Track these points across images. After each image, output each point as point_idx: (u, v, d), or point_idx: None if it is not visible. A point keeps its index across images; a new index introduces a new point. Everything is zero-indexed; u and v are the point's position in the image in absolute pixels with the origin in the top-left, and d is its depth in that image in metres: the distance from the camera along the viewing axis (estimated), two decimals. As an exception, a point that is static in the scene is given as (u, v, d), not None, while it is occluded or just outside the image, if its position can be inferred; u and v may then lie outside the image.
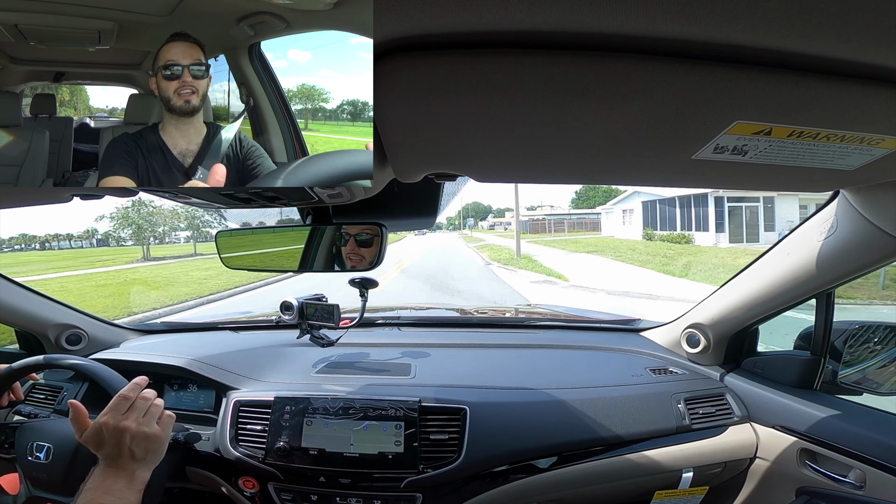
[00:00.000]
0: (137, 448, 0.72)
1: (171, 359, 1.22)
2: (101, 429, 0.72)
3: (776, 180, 0.62)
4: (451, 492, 0.97)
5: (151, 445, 0.75)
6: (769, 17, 0.32)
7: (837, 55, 0.37)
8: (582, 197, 61.59)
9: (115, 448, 0.71)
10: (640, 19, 0.33)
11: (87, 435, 0.73)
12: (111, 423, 0.73)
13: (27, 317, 1.29)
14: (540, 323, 1.59)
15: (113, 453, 0.71)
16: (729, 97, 0.41)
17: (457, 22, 0.33)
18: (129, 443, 0.72)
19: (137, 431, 0.73)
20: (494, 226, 70.33)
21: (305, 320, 1.26)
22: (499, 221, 71.15)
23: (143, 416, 0.76)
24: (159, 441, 0.76)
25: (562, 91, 0.40)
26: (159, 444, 0.76)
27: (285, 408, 1.03)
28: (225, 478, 1.05)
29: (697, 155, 0.50)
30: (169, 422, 0.80)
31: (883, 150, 0.50)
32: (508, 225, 56.92)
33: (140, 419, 0.75)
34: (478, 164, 0.60)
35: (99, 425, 0.73)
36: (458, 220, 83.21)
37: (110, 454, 0.71)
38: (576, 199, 64.09)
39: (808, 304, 1.01)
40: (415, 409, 1.00)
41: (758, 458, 1.07)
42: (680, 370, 1.21)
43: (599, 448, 1.02)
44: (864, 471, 0.87)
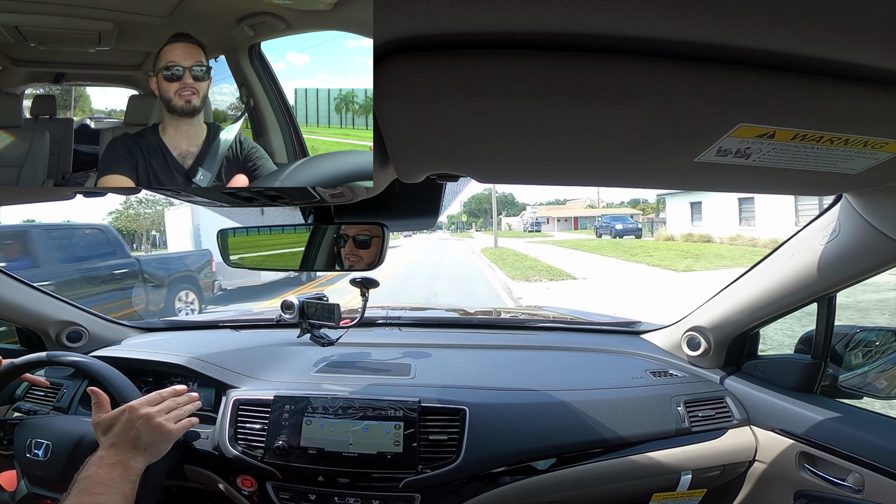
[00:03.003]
0: (145, 435, 0.75)
1: (172, 356, 1.22)
2: (123, 411, 0.77)
3: (779, 183, 0.62)
4: (449, 492, 0.97)
5: (158, 437, 0.77)
6: (773, 20, 0.32)
7: (842, 58, 0.37)
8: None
9: (124, 431, 0.74)
10: (643, 21, 0.32)
11: (105, 417, 0.76)
12: (137, 407, 0.77)
13: (28, 313, 1.30)
14: (540, 324, 1.59)
15: (118, 436, 0.74)
16: (732, 100, 0.40)
17: (458, 23, 0.33)
18: (140, 426, 0.75)
19: (155, 421, 0.77)
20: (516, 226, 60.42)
21: (306, 319, 1.26)
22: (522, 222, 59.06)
23: (169, 412, 0.81)
24: (169, 438, 0.79)
25: (564, 93, 0.40)
26: (166, 441, 0.79)
27: (285, 407, 1.03)
28: (223, 476, 1.05)
29: (700, 157, 0.50)
30: (187, 425, 0.84)
31: (887, 154, 0.50)
32: (534, 225, 51.28)
33: (165, 414, 0.80)
34: (479, 165, 0.60)
35: (124, 408, 0.77)
36: (465, 216, 67.05)
37: (114, 437, 0.74)
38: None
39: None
40: (414, 409, 1.00)
41: (757, 461, 1.07)
42: (680, 373, 1.21)
43: (598, 450, 1.02)
44: (862, 474, 0.87)
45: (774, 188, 0.66)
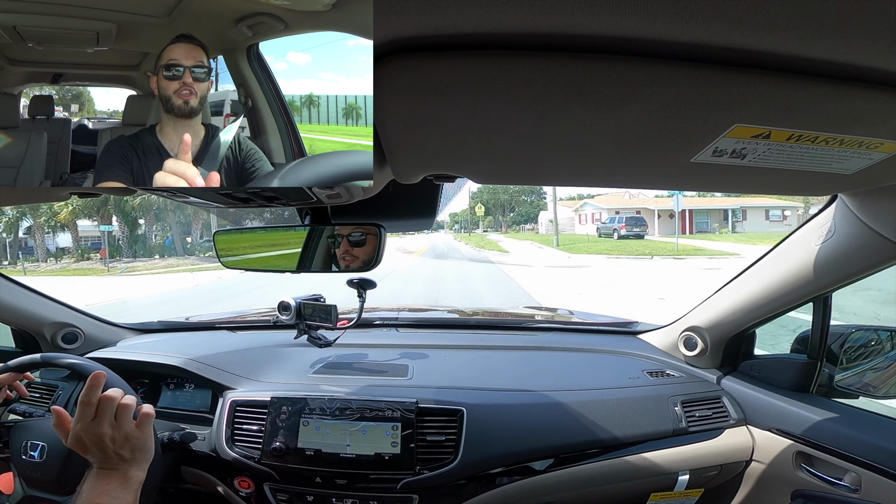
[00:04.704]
0: (122, 450, 0.70)
1: (168, 358, 1.21)
2: (80, 436, 0.69)
3: (774, 184, 0.62)
4: (447, 493, 0.97)
5: (134, 445, 0.72)
6: (769, 21, 0.32)
7: (837, 58, 0.37)
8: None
9: (101, 452, 0.69)
10: (639, 22, 0.33)
11: (70, 442, 0.70)
12: (85, 430, 0.69)
13: (23, 315, 1.29)
14: (537, 325, 1.59)
15: (101, 457, 0.70)
16: (728, 100, 0.41)
17: (457, 23, 0.33)
18: (111, 446, 0.69)
19: (114, 435, 0.70)
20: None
21: (303, 321, 1.26)
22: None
23: (115, 417, 0.71)
24: (140, 440, 0.73)
25: (561, 93, 0.40)
26: (142, 443, 0.73)
27: (282, 408, 1.03)
28: (221, 478, 1.04)
29: (696, 158, 0.50)
30: (146, 419, 0.75)
31: (881, 154, 0.50)
32: (632, 223, 20.41)
33: (112, 422, 0.71)
34: (476, 166, 0.60)
35: (77, 433, 0.70)
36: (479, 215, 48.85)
37: (99, 458, 0.70)
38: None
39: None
40: (412, 410, 1.00)
41: (754, 460, 1.07)
42: (677, 373, 1.21)
43: (596, 450, 1.02)
44: (859, 474, 0.87)
45: (770, 188, 0.67)
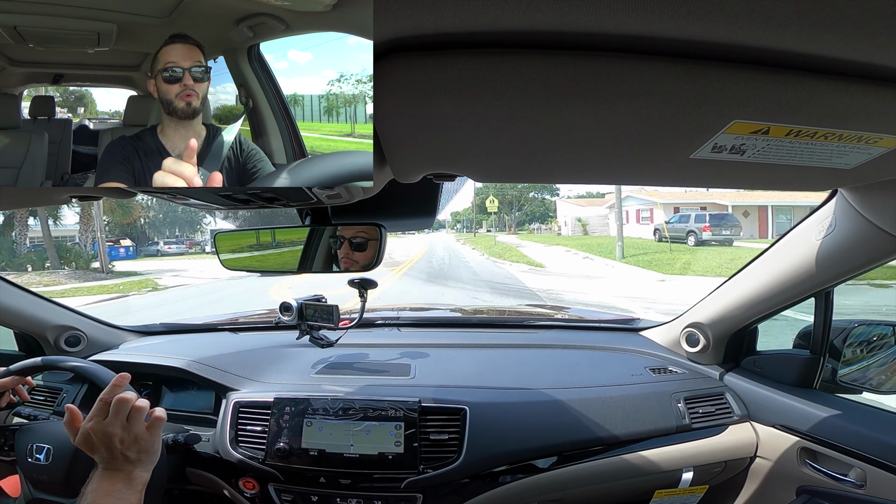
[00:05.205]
0: (129, 451, 0.71)
1: (171, 360, 1.22)
2: (89, 434, 0.71)
3: (774, 179, 0.62)
4: (451, 492, 0.97)
5: (142, 447, 0.73)
6: (767, 17, 0.32)
7: (835, 54, 0.37)
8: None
9: (108, 452, 0.70)
10: (638, 19, 0.33)
11: (78, 441, 0.72)
12: (97, 428, 0.71)
13: (26, 318, 1.29)
14: (539, 323, 1.59)
15: (107, 457, 0.70)
16: (727, 96, 0.41)
17: (456, 22, 0.33)
18: (119, 447, 0.70)
19: (124, 436, 0.71)
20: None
21: (305, 321, 1.26)
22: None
23: (127, 419, 0.73)
24: (148, 442, 0.74)
25: (560, 91, 0.40)
26: (150, 445, 0.74)
27: (285, 409, 1.03)
28: (225, 479, 1.05)
29: (696, 154, 0.51)
30: (157, 423, 0.77)
31: (881, 149, 0.50)
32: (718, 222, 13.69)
33: (124, 423, 0.72)
34: (476, 165, 0.60)
35: (87, 431, 0.71)
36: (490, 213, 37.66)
37: (105, 458, 0.71)
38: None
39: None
40: (415, 409, 1.00)
41: (758, 457, 1.07)
42: (679, 369, 1.21)
43: (599, 448, 1.02)
44: (864, 470, 0.87)
45: (770, 184, 0.67)
